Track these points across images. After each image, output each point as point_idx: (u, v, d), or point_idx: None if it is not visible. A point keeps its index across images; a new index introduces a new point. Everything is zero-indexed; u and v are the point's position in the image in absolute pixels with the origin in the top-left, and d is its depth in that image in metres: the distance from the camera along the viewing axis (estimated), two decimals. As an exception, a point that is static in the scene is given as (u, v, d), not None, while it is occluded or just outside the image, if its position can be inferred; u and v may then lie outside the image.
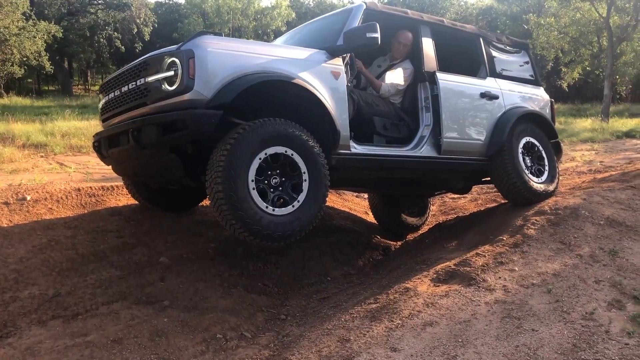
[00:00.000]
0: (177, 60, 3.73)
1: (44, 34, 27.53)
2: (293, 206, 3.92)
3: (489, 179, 5.87)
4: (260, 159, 3.79)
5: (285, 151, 3.90)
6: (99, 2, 37.73)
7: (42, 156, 10.17)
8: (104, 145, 4.48)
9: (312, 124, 4.20)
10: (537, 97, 6.23)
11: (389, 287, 4.16)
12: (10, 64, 26.24)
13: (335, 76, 4.38)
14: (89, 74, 48.09)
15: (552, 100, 6.47)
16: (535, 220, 4.80)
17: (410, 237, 6.88)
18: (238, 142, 3.69)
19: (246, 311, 4.07)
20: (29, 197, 5.20)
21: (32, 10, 28.55)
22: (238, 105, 3.81)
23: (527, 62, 6.45)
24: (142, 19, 36.79)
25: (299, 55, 4.32)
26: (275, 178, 3.91)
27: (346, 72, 4.52)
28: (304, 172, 3.99)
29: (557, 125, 17.78)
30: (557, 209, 4.94)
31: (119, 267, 4.39)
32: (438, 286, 3.96)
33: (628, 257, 4.23)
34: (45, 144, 11.08)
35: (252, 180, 3.73)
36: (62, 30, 30.47)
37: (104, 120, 4.67)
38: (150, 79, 3.85)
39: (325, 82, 4.30)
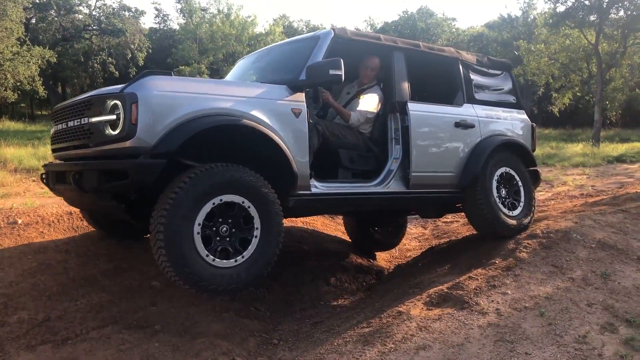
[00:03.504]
0: (119, 104, 3.52)
1: (38, 59, 27.64)
2: (235, 261, 3.72)
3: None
4: (213, 203, 3.61)
5: (243, 202, 3.73)
6: (94, 27, 37.97)
7: (34, 180, 10.11)
8: (51, 179, 4.36)
9: (268, 166, 4.04)
10: (517, 123, 5.93)
11: (382, 311, 4.15)
12: (4, 88, 26.27)
13: (295, 114, 4.15)
14: (82, 98, 48.22)
15: (534, 124, 6.21)
16: (528, 243, 4.81)
17: (403, 260, 6.87)
18: (185, 191, 3.49)
19: (238, 336, 4.04)
20: (20, 221, 5.18)
21: (26, 36, 28.71)
22: (188, 147, 3.63)
23: (508, 84, 6.13)
24: (136, 45, 37.07)
25: (256, 93, 4.06)
26: (225, 227, 3.71)
27: (310, 105, 4.33)
28: (257, 228, 3.80)
29: (548, 150, 17.73)
30: (549, 232, 4.96)
31: (110, 291, 4.36)
32: (431, 310, 3.94)
33: (620, 280, 4.24)
34: (37, 168, 11.02)
35: (198, 234, 3.55)
36: (56, 56, 30.60)
37: (53, 150, 4.54)
38: (94, 120, 3.66)
39: (284, 121, 4.08)
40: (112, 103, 3.56)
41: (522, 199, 5.51)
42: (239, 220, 3.76)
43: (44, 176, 4.55)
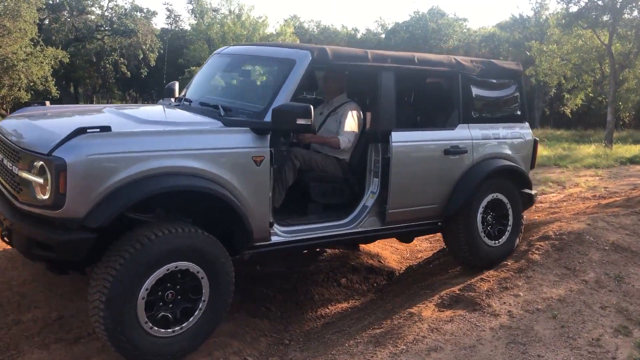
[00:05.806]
0: (46, 168, 3.07)
1: (51, 60, 27.88)
2: (173, 331, 3.39)
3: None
4: (167, 269, 3.28)
5: (198, 272, 3.41)
6: (106, 28, 38.25)
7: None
8: None
9: (220, 220, 3.69)
10: (517, 140, 5.30)
11: (393, 312, 4.14)
12: (18, 88, 26.51)
13: (257, 162, 3.68)
14: (94, 98, 48.49)
15: (536, 139, 5.58)
16: (540, 245, 4.79)
17: (414, 262, 6.85)
18: (133, 257, 3.16)
19: (249, 335, 4.05)
20: (33, 220, 5.21)
21: (40, 37, 28.95)
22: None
23: (514, 94, 5.43)
24: (148, 45, 37.30)
25: (209, 143, 3.55)
26: (170, 293, 3.37)
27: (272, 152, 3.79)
28: (204, 301, 3.48)
29: (560, 151, 17.46)
30: (561, 234, 4.93)
31: (122, 290, 4.38)
32: (442, 311, 3.94)
33: (634, 283, 4.21)
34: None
35: (143, 299, 3.23)
36: (68, 56, 30.85)
37: None
38: (23, 175, 3.22)
39: (243, 172, 3.63)
40: (40, 165, 3.13)
41: (511, 225, 5.09)
42: (188, 289, 3.45)
43: None
